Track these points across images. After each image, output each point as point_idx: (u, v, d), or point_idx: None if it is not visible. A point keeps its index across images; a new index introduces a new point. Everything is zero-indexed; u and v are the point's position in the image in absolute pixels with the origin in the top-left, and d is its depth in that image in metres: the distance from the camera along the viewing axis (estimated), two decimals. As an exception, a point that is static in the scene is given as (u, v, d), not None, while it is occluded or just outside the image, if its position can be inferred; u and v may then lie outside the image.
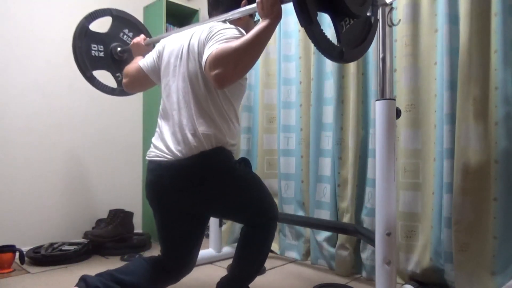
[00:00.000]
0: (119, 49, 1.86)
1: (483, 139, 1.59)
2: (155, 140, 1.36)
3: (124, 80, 1.55)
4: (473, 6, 1.57)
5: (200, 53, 1.24)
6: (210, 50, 1.14)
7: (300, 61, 2.23)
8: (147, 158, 1.38)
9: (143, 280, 1.31)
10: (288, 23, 2.31)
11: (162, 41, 1.46)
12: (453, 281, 1.61)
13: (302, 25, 1.04)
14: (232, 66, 1.10)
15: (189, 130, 1.26)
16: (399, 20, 1.52)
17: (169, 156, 1.28)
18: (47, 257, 2.09)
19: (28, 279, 1.88)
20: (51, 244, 2.25)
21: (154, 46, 1.55)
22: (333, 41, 1.13)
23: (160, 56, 1.41)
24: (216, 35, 1.19)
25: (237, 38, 1.15)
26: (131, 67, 1.52)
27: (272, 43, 2.42)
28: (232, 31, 1.21)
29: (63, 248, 2.21)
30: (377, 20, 1.33)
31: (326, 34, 1.09)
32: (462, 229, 1.58)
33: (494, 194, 1.56)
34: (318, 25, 1.05)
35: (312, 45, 2.14)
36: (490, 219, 1.57)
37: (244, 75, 1.23)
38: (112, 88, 1.89)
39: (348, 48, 1.17)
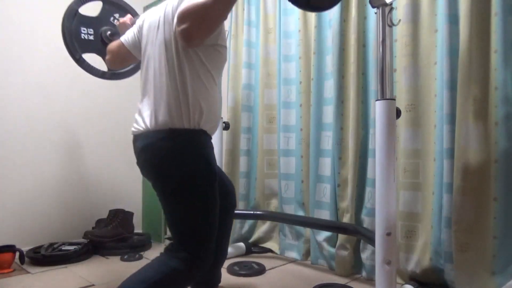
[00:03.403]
0: (109, 32, 1.84)
1: (483, 139, 1.58)
2: (136, 115, 1.34)
3: (107, 57, 1.54)
4: (473, 6, 1.57)
5: (174, 19, 1.22)
6: (179, 9, 1.14)
7: (300, 61, 2.23)
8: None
9: None
10: (288, 23, 2.32)
11: (142, 15, 1.45)
12: (453, 281, 1.61)
13: None
14: (198, 21, 1.10)
15: (163, 102, 1.23)
16: (399, 20, 1.51)
17: (141, 128, 1.27)
18: (47, 257, 2.09)
19: (28, 279, 1.88)
20: (51, 244, 2.25)
21: None
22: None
23: (140, 30, 1.40)
24: None
25: None
26: (113, 43, 1.52)
27: (272, 43, 2.42)
28: None
29: (63, 248, 2.22)
30: None
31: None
32: (462, 229, 1.58)
33: (494, 194, 1.56)
34: None
35: (312, 45, 2.14)
36: (490, 219, 1.57)
37: (211, 32, 1.16)
38: (103, 72, 1.88)
39: None
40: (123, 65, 1.61)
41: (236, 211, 2.33)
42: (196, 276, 1.25)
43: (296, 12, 2.27)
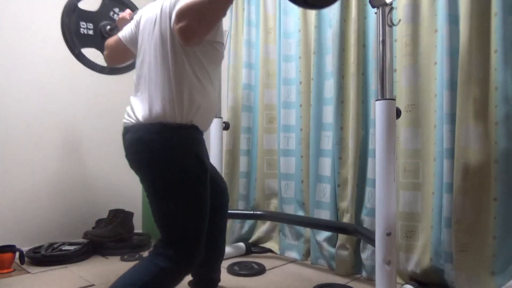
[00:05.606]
0: (108, 27, 1.83)
1: (483, 139, 1.58)
2: (127, 108, 1.32)
3: (105, 52, 1.53)
4: (473, 6, 1.57)
5: (170, 14, 1.22)
6: (178, 6, 1.14)
7: (300, 61, 2.23)
8: None
9: None
10: (288, 23, 2.32)
11: (139, 11, 1.44)
12: (453, 281, 1.61)
13: None
14: (196, 19, 1.09)
15: (156, 96, 1.22)
16: (399, 20, 1.52)
17: (132, 120, 1.26)
18: (47, 257, 2.09)
19: (28, 279, 1.88)
20: (51, 244, 2.25)
21: None
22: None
23: (137, 25, 1.39)
24: None
25: None
26: (111, 39, 1.51)
27: (272, 43, 2.42)
28: None
29: (63, 248, 2.21)
30: None
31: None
32: (462, 229, 1.58)
33: (494, 194, 1.56)
34: None
35: (312, 45, 2.14)
36: (490, 219, 1.57)
37: (210, 30, 1.15)
38: (102, 67, 1.87)
39: None
40: (121, 61, 1.60)
41: (236, 211, 2.36)
42: (186, 273, 1.24)
43: (296, 12, 2.27)
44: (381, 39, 1.43)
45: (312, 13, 2.16)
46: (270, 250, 2.38)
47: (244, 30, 2.47)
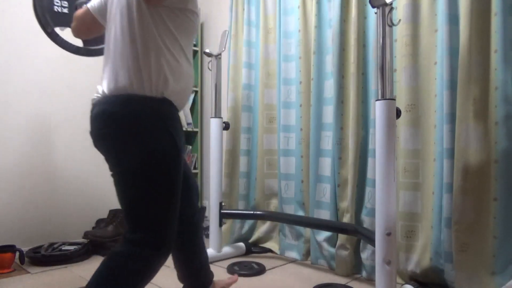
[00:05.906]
0: (85, 5, 1.79)
1: (483, 139, 1.58)
2: (98, 85, 1.23)
3: (72, 24, 1.46)
4: (473, 6, 1.57)
5: None
6: None
7: (300, 61, 2.23)
8: None
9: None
10: (288, 23, 2.32)
11: None
12: (453, 281, 1.61)
13: None
14: None
15: (122, 67, 1.12)
16: (399, 20, 1.51)
17: (99, 95, 1.17)
18: (47, 257, 2.09)
19: (28, 279, 1.88)
20: (51, 244, 2.25)
21: None
22: None
23: None
24: None
25: None
26: (80, 10, 1.44)
27: (272, 43, 2.42)
28: None
29: (63, 248, 2.21)
30: None
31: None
32: (462, 229, 1.58)
33: (494, 194, 1.56)
34: None
35: (312, 45, 2.15)
36: (490, 219, 1.57)
37: None
38: (77, 47, 1.78)
39: None
40: (88, 33, 1.49)
41: (236, 211, 2.36)
42: (157, 265, 1.13)
43: (296, 12, 2.27)
44: (381, 39, 1.43)
45: (312, 13, 2.17)
46: (270, 250, 2.38)
47: (244, 30, 2.47)
